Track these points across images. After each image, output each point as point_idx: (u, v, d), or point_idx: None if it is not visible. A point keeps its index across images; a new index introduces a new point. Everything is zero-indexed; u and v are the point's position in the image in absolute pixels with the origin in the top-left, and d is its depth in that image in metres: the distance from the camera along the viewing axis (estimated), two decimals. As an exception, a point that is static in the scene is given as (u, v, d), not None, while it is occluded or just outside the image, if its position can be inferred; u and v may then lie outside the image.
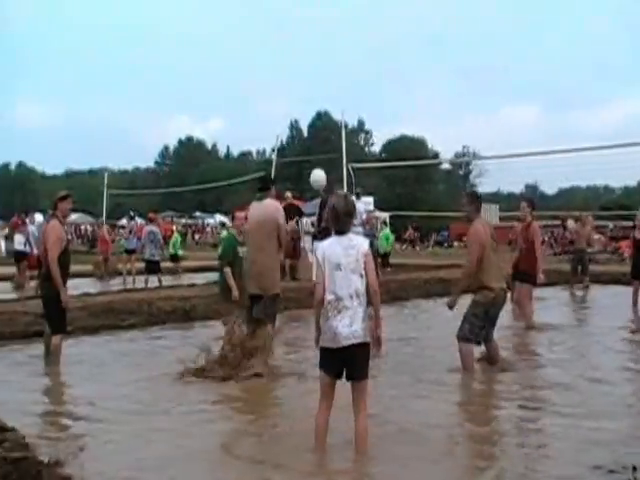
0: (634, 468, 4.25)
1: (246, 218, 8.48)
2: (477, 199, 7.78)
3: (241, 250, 8.87)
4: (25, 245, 17.13)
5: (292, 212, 16.62)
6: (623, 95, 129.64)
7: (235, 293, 8.71)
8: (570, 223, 27.21)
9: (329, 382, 4.81)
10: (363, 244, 4.83)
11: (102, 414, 5.85)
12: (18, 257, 17.19)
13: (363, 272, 4.74)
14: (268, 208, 8.05)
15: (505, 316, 9.11)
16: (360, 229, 16.11)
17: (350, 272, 4.73)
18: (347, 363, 4.74)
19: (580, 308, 14.02)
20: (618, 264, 21.14)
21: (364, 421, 4.77)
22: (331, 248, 4.84)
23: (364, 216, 16.06)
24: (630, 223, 27.42)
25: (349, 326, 4.67)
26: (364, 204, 15.88)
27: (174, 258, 21.25)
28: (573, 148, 17.71)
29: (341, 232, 4.87)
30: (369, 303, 4.81)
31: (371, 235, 12.14)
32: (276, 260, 8.16)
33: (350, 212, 4.90)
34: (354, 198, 4.90)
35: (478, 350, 7.68)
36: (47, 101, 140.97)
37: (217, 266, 10.47)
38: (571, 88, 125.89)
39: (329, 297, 4.75)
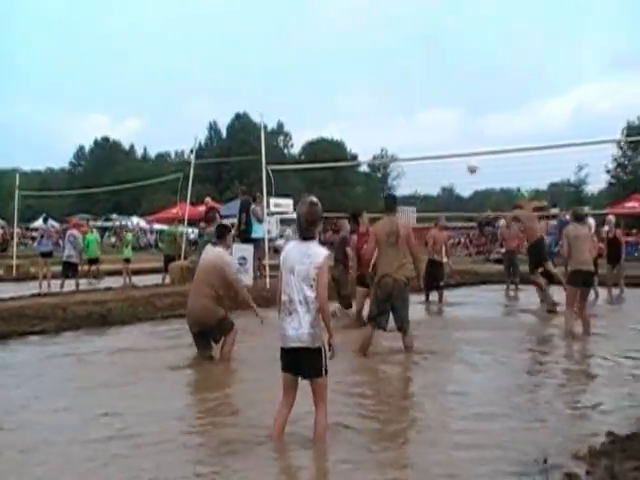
0: (545, 461, 4.40)
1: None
2: (386, 199, 9.20)
3: None
4: None
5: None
6: (537, 100, 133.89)
7: None
8: (502, 222, 27.83)
9: (287, 379, 5.02)
10: (319, 256, 4.88)
11: (11, 424, 5.67)
12: None
13: (313, 283, 4.84)
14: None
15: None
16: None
17: (301, 280, 4.87)
18: (296, 363, 4.91)
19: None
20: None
21: (320, 417, 4.97)
22: (290, 252, 4.98)
23: None
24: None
25: (296, 329, 4.85)
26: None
27: (93, 261, 20.66)
28: (486, 151, 18.12)
29: (304, 238, 4.96)
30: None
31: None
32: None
33: (314, 221, 4.98)
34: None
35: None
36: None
37: None
38: (489, 92, 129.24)
39: (283, 298, 4.94)
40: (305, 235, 4.97)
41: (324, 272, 4.89)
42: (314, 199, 5.10)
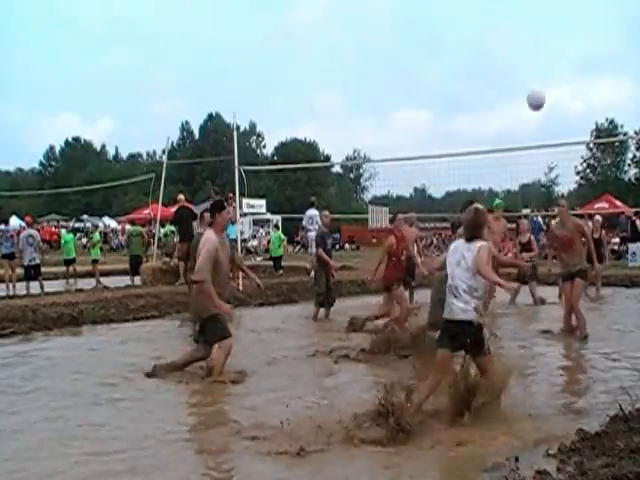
0: (516, 458, 4.44)
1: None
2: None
3: None
4: None
5: (184, 214, 16.38)
6: (510, 101, 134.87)
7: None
8: None
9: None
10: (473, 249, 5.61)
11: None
12: None
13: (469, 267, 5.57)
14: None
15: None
16: (314, 234, 17.28)
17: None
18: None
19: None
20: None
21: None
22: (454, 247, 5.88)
23: (318, 219, 17.08)
24: (512, 225, 28.52)
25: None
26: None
27: (70, 261, 20.33)
28: (458, 152, 18.25)
29: (468, 239, 5.71)
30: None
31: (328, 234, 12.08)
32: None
33: (478, 224, 5.77)
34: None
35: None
36: None
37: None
38: (462, 93, 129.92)
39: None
40: (468, 236, 5.71)
41: (483, 253, 5.53)
42: (477, 206, 5.88)
